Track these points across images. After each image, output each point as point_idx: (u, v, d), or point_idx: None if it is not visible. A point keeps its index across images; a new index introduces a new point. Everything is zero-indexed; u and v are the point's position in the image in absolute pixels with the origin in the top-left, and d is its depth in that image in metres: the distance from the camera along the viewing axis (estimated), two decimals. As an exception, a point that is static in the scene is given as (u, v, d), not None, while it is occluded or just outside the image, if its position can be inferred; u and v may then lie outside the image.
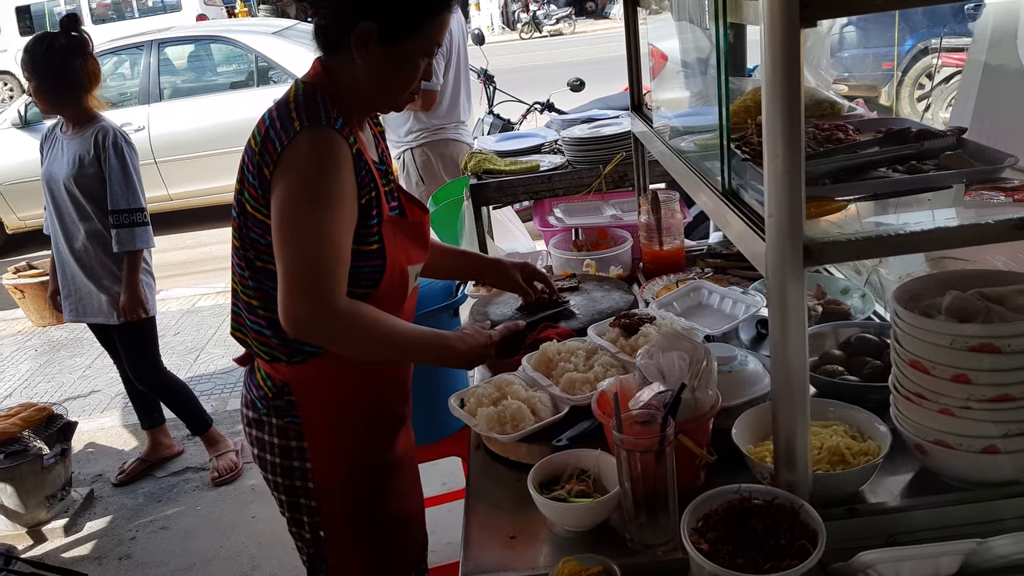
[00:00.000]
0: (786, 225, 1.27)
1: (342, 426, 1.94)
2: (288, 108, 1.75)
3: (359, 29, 1.69)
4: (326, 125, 1.71)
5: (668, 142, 2.28)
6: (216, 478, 4.21)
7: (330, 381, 1.90)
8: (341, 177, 1.71)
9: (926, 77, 8.22)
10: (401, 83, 1.79)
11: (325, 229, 1.69)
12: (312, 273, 1.67)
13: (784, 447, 1.41)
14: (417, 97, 4.22)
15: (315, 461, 1.92)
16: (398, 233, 1.87)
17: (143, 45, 9.04)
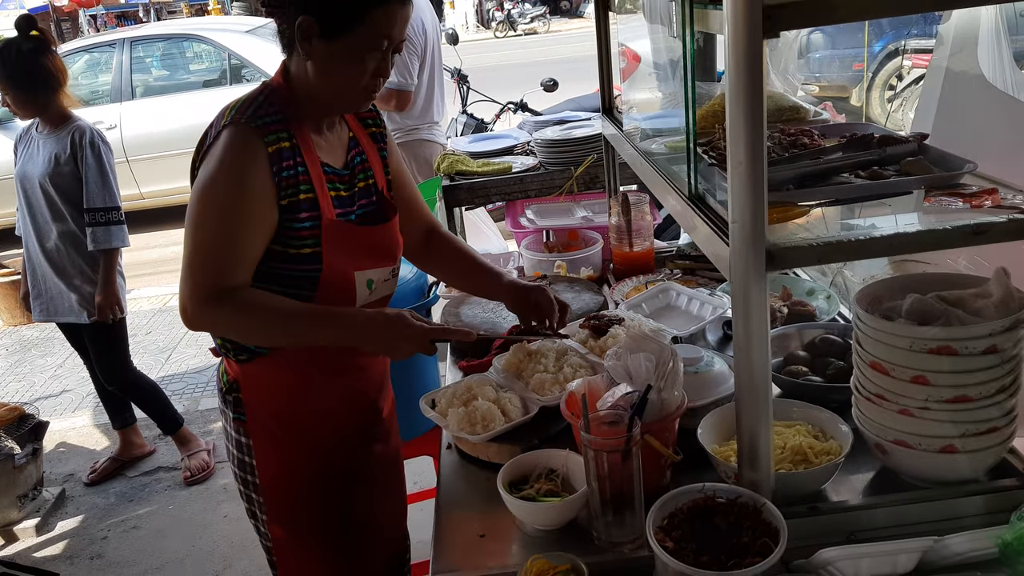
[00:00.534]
0: (749, 230, 1.30)
1: (285, 432, 1.91)
2: (229, 107, 1.77)
3: (299, 24, 1.67)
4: (245, 123, 1.70)
5: (638, 145, 2.31)
6: (188, 477, 4.20)
7: (272, 386, 1.89)
8: (244, 175, 1.69)
9: (896, 78, 8.33)
10: (348, 80, 1.73)
11: (212, 225, 1.70)
12: (196, 266, 1.70)
13: (747, 447, 1.44)
14: (392, 98, 4.25)
15: (259, 460, 1.93)
16: (344, 239, 1.81)
17: (115, 43, 8.97)
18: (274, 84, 1.80)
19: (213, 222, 1.70)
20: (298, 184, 1.74)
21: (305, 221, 1.75)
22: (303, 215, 1.75)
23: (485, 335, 1.97)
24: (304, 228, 1.75)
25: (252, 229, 1.71)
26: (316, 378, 1.90)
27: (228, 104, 1.78)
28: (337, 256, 1.79)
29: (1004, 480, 1.51)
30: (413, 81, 4.34)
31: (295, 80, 1.78)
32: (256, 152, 1.69)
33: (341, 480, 2.00)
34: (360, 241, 1.86)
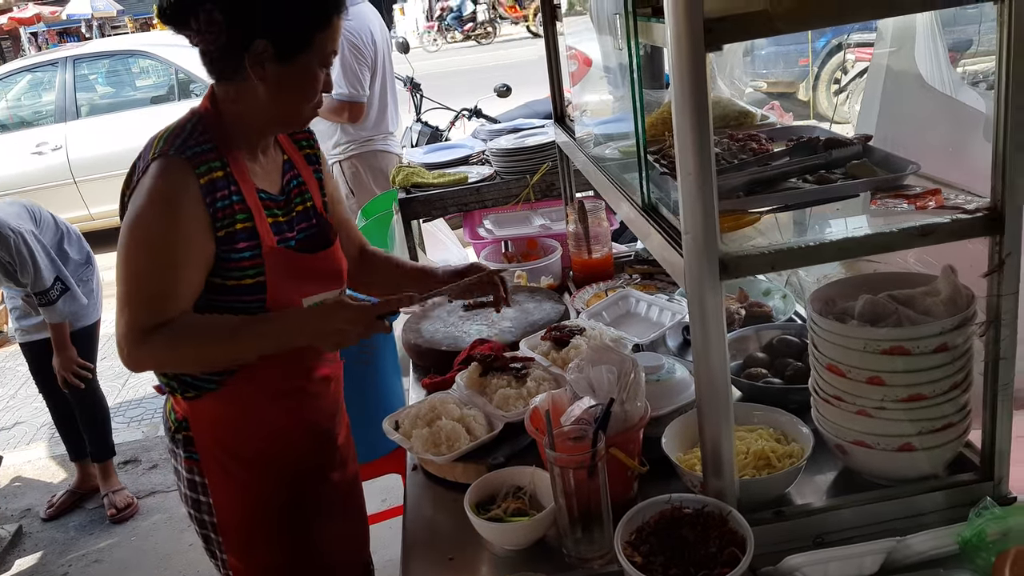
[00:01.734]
0: (701, 241, 1.31)
1: (238, 467, 1.87)
2: (156, 138, 1.73)
3: (253, 49, 1.64)
4: (174, 155, 1.66)
5: (591, 153, 2.31)
6: (114, 515, 4.09)
7: (222, 421, 1.85)
8: (175, 209, 1.65)
9: (841, 72, 8.45)
10: (303, 97, 1.74)
11: (144, 261, 1.67)
12: (130, 304, 1.67)
13: (711, 455, 1.45)
14: (345, 110, 4.22)
15: (215, 497, 1.89)
16: (287, 266, 1.79)
17: (57, 62, 8.80)
18: (202, 111, 1.76)
19: (145, 257, 1.67)
20: (234, 214, 1.71)
21: (244, 251, 1.72)
22: (241, 245, 1.72)
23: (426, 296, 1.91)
24: (244, 258, 1.72)
25: (187, 263, 1.68)
26: (266, 408, 1.87)
27: (156, 134, 1.74)
28: (281, 284, 1.77)
29: (962, 475, 1.54)
30: (365, 92, 4.32)
31: (225, 106, 1.75)
32: (187, 184, 1.66)
33: (300, 511, 1.97)
34: (304, 267, 1.83)
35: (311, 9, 1.67)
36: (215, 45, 1.68)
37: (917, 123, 2.07)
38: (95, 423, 4.12)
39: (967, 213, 1.35)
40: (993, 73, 2.82)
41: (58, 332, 3.77)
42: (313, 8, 1.67)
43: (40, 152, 8.30)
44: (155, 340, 1.66)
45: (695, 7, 1.19)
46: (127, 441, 4.80)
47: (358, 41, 4.22)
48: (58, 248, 3.82)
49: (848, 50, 7.51)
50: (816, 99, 8.04)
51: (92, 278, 4.02)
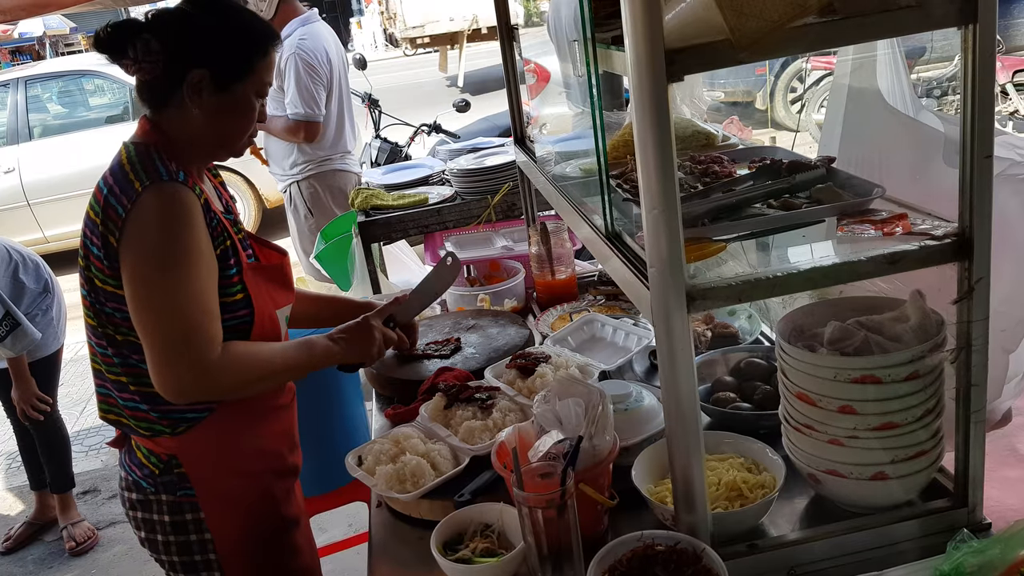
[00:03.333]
0: (668, 275, 1.28)
1: (237, 488, 1.87)
2: (123, 171, 1.68)
3: (191, 78, 1.67)
4: (169, 180, 1.66)
5: (552, 174, 2.28)
6: (73, 547, 3.98)
7: (218, 444, 1.83)
8: (194, 231, 1.66)
9: (797, 80, 8.56)
10: (240, 127, 1.78)
11: (184, 290, 1.63)
12: (181, 337, 1.63)
13: (682, 490, 1.42)
14: (301, 130, 4.16)
15: (214, 530, 1.84)
16: (260, 279, 1.83)
17: (8, 83, 8.63)
18: (151, 141, 1.73)
19: (185, 288, 1.63)
20: (222, 233, 1.74)
21: (232, 268, 1.75)
22: (231, 262, 1.75)
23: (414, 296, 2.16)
24: (232, 275, 1.75)
25: (212, 286, 1.69)
26: (257, 425, 1.88)
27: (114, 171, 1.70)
28: (262, 298, 1.81)
29: (936, 502, 1.52)
30: (321, 111, 4.26)
31: (174, 133, 1.74)
32: (192, 207, 1.67)
33: (284, 531, 1.98)
34: (272, 279, 1.88)
35: (250, 39, 1.73)
36: (152, 75, 1.70)
37: (880, 144, 2.06)
38: (54, 453, 4.01)
39: (935, 239, 1.33)
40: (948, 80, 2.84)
41: (14, 365, 3.67)
42: (252, 38, 1.74)
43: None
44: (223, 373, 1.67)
45: (656, 37, 1.16)
46: (86, 470, 4.69)
47: (313, 60, 4.17)
48: (12, 279, 3.71)
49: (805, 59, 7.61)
50: (773, 108, 8.12)
51: (52, 306, 3.91)
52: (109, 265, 1.66)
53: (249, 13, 1.83)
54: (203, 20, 1.72)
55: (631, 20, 1.17)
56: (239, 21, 1.76)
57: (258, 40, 1.74)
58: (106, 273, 1.67)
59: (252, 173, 8.16)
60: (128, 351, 1.73)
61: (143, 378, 1.70)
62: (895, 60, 2.16)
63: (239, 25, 1.75)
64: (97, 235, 1.67)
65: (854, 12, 1.23)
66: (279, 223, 7.68)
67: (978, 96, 1.25)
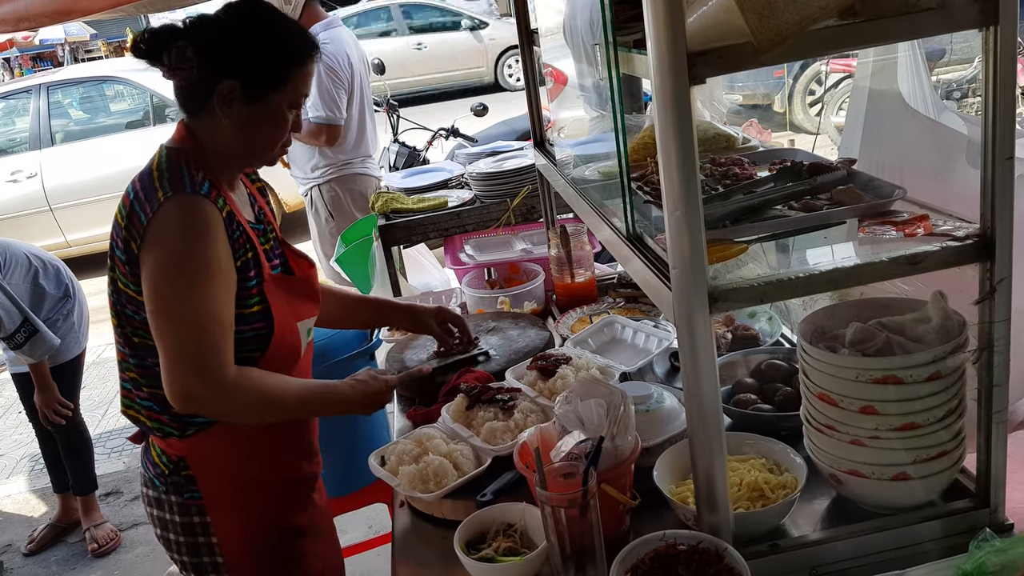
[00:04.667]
0: (690, 276, 1.29)
1: (244, 494, 1.87)
2: (151, 178, 1.70)
3: (221, 88, 1.67)
4: (191, 192, 1.66)
5: (571, 177, 2.29)
6: (96, 549, 4.02)
7: (226, 450, 1.84)
8: (213, 244, 1.67)
9: (816, 83, 8.52)
10: (271, 138, 1.77)
11: (200, 301, 1.64)
12: (195, 348, 1.64)
13: (704, 490, 1.42)
14: (323, 133, 4.19)
15: (220, 535, 1.86)
16: (282, 291, 1.83)
17: (31, 89, 8.73)
18: (185, 147, 1.75)
19: (201, 301, 1.64)
20: (244, 244, 1.74)
21: (252, 280, 1.75)
22: (251, 274, 1.75)
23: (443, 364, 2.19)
24: (252, 287, 1.75)
25: (229, 299, 1.70)
26: (264, 432, 1.86)
27: (143, 177, 1.72)
28: (282, 310, 1.80)
29: (958, 502, 1.52)
30: (342, 115, 4.29)
31: (206, 141, 1.75)
32: (214, 219, 1.68)
33: (295, 538, 1.97)
34: (296, 291, 1.88)
35: (285, 50, 1.71)
36: (186, 81, 1.70)
37: (901, 146, 2.06)
38: (77, 456, 4.06)
39: (957, 240, 1.33)
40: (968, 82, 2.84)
41: (36, 371, 3.71)
42: (287, 49, 1.72)
43: (15, 180, 8.21)
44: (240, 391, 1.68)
45: (678, 40, 1.17)
46: (108, 472, 4.74)
47: (335, 64, 4.20)
48: (33, 284, 3.75)
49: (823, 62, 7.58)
50: (792, 111, 8.10)
51: (73, 311, 3.94)
52: (130, 270, 1.69)
53: (288, 23, 1.79)
54: (238, 30, 1.71)
55: (653, 23, 1.18)
56: (276, 32, 1.74)
57: (294, 52, 1.72)
58: (128, 277, 1.70)
59: (271, 177, 8.20)
60: (143, 353, 1.75)
61: (156, 380, 1.72)
62: (916, 62, 2.16)
63: (275, 36, 1.73)
64: (121, 239, 1.70)
65: (875, 14, 1.24)
66: (298, 227, 7.74)
67: (999, 98, 1.25)
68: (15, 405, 5.50)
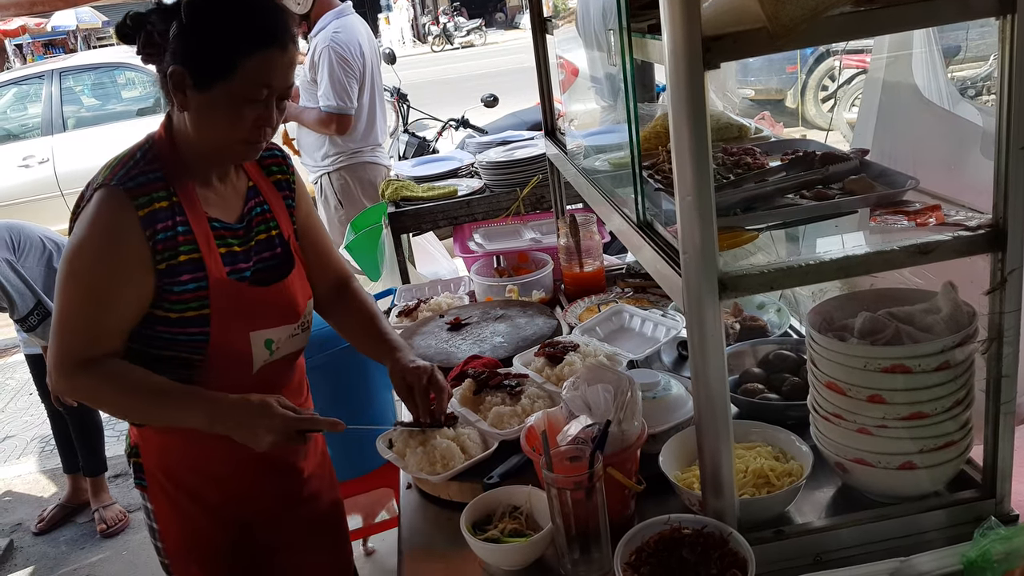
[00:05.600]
0: (700, 261, 1.29)
1: (185, 495, 1.88)
2: (108, 163, 1.70)
3: (172, 74, 1.60)
4: (116, 184, 1.63)
5: (582, 167, 2.30)
6: (104, 530, 4.06)
7: (168, 447, 1.85)
8: (111, 242, 1.63)
9: (829, 79, 8.50)
10: (226, 131, 1.65)
11: (78, 293, 1.66)
12: (63, 334, 1.68)
13: (710, 475, 1.43)
14: (333, 122, 4.20)
15: (161, 523, 1.90)
16: (236, 298, 1.74)
17: (43, 75, 8.76)
18: (156, 138, 1.72)
19: (80, 289, 1.66)
20: (177, 245, 1.67)
21: (188, 283, 1.69)
22: (185, 277, 1.68)
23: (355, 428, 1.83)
24: (188, 291, 1.69)
25: (122, 296, 1.66)
26: (212, 443, 1.72)
27: (108, 161, 1.71)
28: (227, 318, 1.73)
29: (964, 492, 1.52)
30: (353, 104, 4.30)
31: (177, 132, 1.71)
32: (125, 217, 1.62)
33: (257, 553, 1.96)
34: (254, 300, 1.78)
35: (232, 37, 1.58)
36: (156, 67, 1.66)
37: (915, 137, 2.05)
38: (88, 437, 4.09)
39: (969, 230, 1.33)
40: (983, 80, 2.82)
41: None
42: (236, 36, 1.58)
43: (27, 165, 8.25)
44: (84, 376, 1.67)
45: (693, 25, 1.17)
46: (117, 454, 4.73)
47: (347, 53, 4.21)
48: (47, 268, 3.76)
49: (836, 57, 7.55)
50: (804, 107, 8.08)
51: None
52: None
53: (250, 8, 1.62)
54: (188, 14, 1.59)
55: (669, 7, 1.18)
56: (228, 16, 1.59)
57: (245, 39, 1.57)
58: None
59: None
60: None
61: None
62: (932, 56, 2.15)
63: (225, 21, 1.59)
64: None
65: (891, 1, 1.24)
66: (308, 215, 7.75)
67: (1014, 88, 1.25)
68: (25, 387, 5.53)
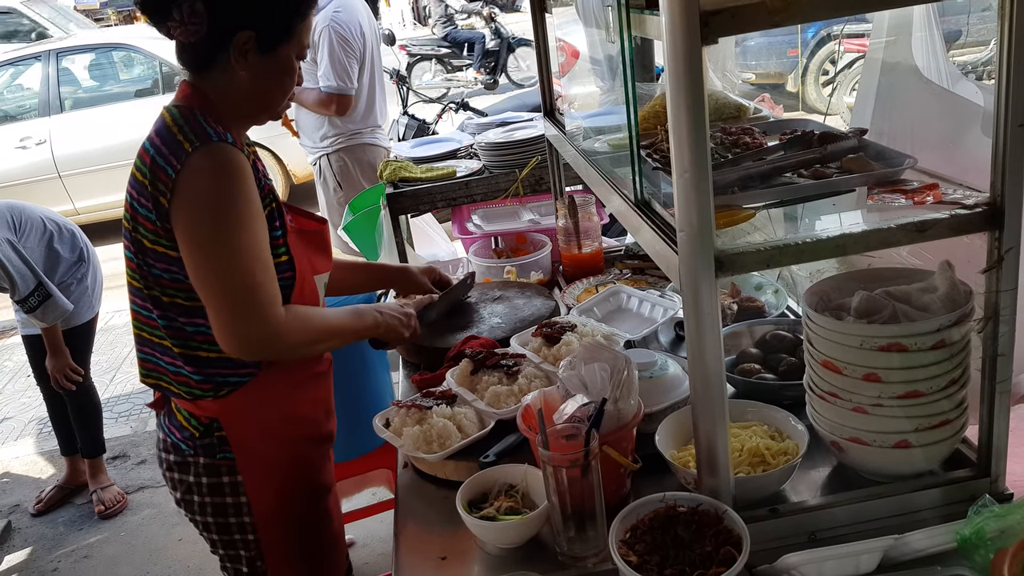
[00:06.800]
0: (697, 239, 1.29)
1: (275, 453, 1.90)
2: (171, 133, 1.68)
3: (238, 40, 1.67)
4: (218, 140, 1.67)
5: (581, 148, 2.29)
6: (103, 511, 4.07)
7: (259, 409, 1.86)
8: (248, 189, 1.68)
9: (830, 63, 8.47)
10: (282, 89, 1.79)
11: (246, 244, 1.65)
12: (247, 292, 1.65)
13: (706, 453, 1.43)
14: (333, 102, 4.18)
15: (252, 494, 1.87)
16: (302, 243, 1.86)
17: (40, 55, 8.70)
18: (193, 104, 1.73)
19: (245, 244, 1.65)
20: (269, 194, 1.77)
21: (278, 229, 1.78)
22: (276, 223, 1.77)
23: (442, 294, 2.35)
24: (278, 236, 1.77)
25: (266, 243, 1.72)
26: (292, 391, 1.91)
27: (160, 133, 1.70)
28: (302, 262, 1.83)
29: (959, 471, 1.52)
30: (353, 85, 4.28)
31: (216, 97, 1.75)
32: (244, 166, 1.69)
33: (318, 497, 2.02)
34: (313, 244, 1.91)
35: (291, 2, 1.72)
36: (196, 37, 1.68)
37: (913, 116, 2.05)
38: (87, 419, 4.09)
39: (966, 208, 1.33)
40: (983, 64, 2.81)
41: (48, 335, 3.74)
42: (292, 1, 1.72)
43: (24, 147, 8.22)
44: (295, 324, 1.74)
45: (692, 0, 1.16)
46: (116, 436, 4.78)
47: (347, 33, 4.19)
48: (48, 248, 3.76)
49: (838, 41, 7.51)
50: (805, 91, 8.05)
51: (87, 275, 3.95)
52: (162, 226, 1.67)
53: None
54: None
55: (667, -19, 1.18)
56: None
57: (302, 3, 1.74)
58: (157, 234, 1.68)
59: (280, 148, 8.19)
60: (175, 313, 1.74)
61: (188, 341, 1.74)
62: (932, 38, 2.14)
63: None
64: (146, 196, 1.67)
65: (890, -23, 1.23)
66: (306, 198, 7.74)
67: (1013, 64, 1.24)
68: (23, 369, 5.53)
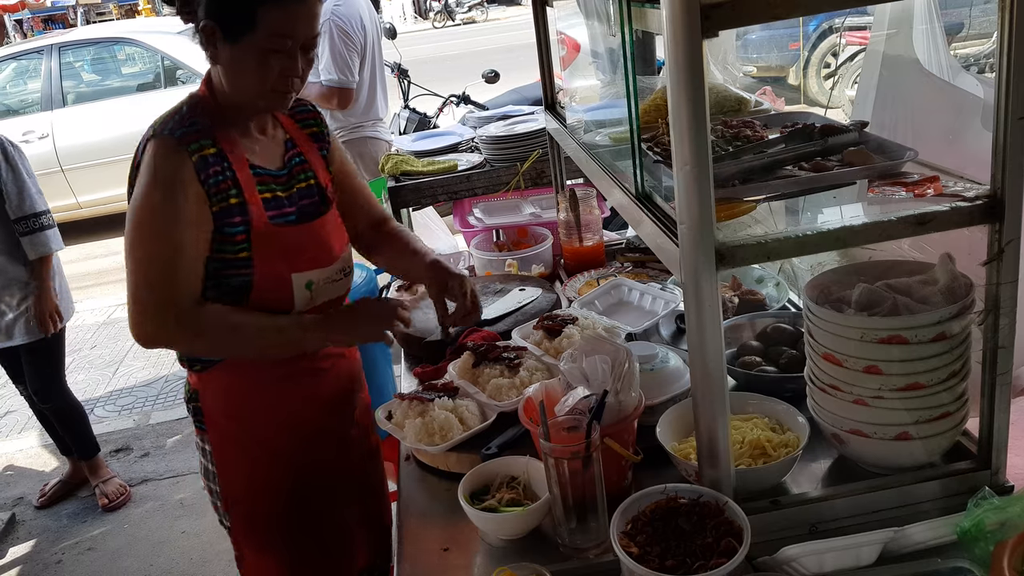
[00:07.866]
0: (697, 231, 1.29)
1: (248, 440, 1.93)
2: (156, 120, 1.77)
3: (202, 29, 1.70)
4: (167, 134, 1.71)
5: (581, 139, 2.29)
6: (107, 504, 4.08)
7: (233, 393, 1.90)
8: (175, 185, 1.69)
9: (831, 56, 8.45)
10: (255, 81, 1.72)
11: (155, 242, 1.70)
12: (144, 288, 1.71)
13: (706, 445, 1.43)
14: (334, 96, 4.18)
15: (221, 471, 1.94)
16: (277, 240, 1.80)
17: (43, 50, 8.71)
18: (199, 94, 1.81)
19: (158, 237, 1.70)
20: (228, 189, 1.75)
21: (238, 226, 1.77)
22: (236, 219, 1.76)
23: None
24: (238, 232, 1.77)
25: (190, 237, 1.72)
26: (273, 384, 1.91)
27: (156, 119, 1.79)
28: (269, 259, 1.80)
29: (959, 463, 1.53)
30: (354, 78, 4.28)
31: (215, 86, 1.80)
32: (181, 161, 1.70)
33: (317, 495, 2.00)
34: (295, 241, 1.85)
35: None
36: (195, 24, 1.73)
37: (914, 109, 2.04)
38: (71, 425, 4.08)
39: (966, 201, 1.33)
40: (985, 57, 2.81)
41: (45, 268, 3.64)
42: None
43: (27, 140, 8.20)
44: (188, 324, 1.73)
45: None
46: (118, 429, 4.80)
47: (347, 27, 4.19)
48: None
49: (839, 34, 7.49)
50: (807, 84, 8.03)
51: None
52: None
53: None
54: None
55: (668, -26, 1.17)
56: None
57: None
58: None
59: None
60: None
61: None
62: (933, 30, 2.14)
63: None
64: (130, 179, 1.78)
65: (891, -30, 1.23)
66: (308, 192, 7.73)
67: (1013, 57, 1.24)
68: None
